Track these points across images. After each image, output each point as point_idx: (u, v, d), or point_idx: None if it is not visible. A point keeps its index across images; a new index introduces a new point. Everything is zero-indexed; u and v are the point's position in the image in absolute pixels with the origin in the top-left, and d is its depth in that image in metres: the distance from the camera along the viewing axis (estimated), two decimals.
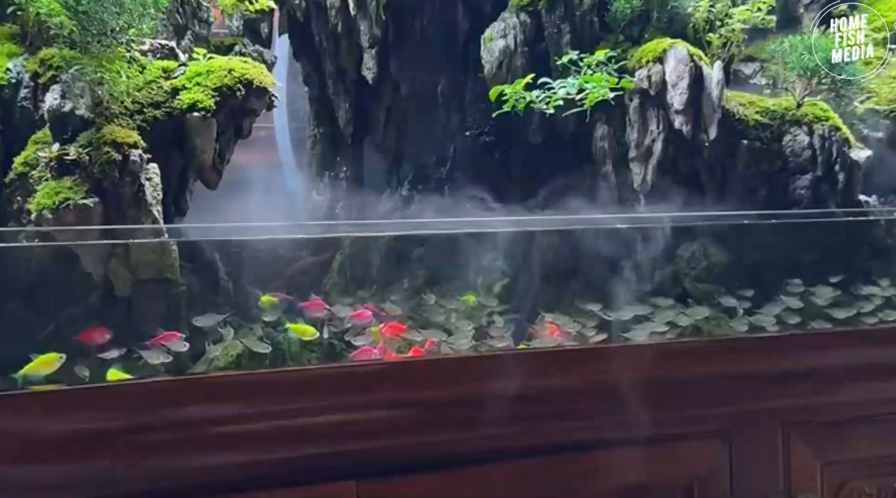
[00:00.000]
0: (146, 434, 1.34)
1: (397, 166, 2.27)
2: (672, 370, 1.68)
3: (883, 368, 1.82)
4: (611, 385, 1.65)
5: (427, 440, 1.51)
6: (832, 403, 1.80)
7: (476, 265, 1.92)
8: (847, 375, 1.79)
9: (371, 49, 2.08)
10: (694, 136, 1.94)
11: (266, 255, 1.79)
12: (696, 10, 2.08)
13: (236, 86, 1.60)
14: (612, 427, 1.65)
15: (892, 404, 1.85)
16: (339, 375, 1.52)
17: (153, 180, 1.48)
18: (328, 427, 1.43)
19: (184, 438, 1.36)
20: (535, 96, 1.90)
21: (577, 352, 1.72)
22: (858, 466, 1.83)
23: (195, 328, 1.47)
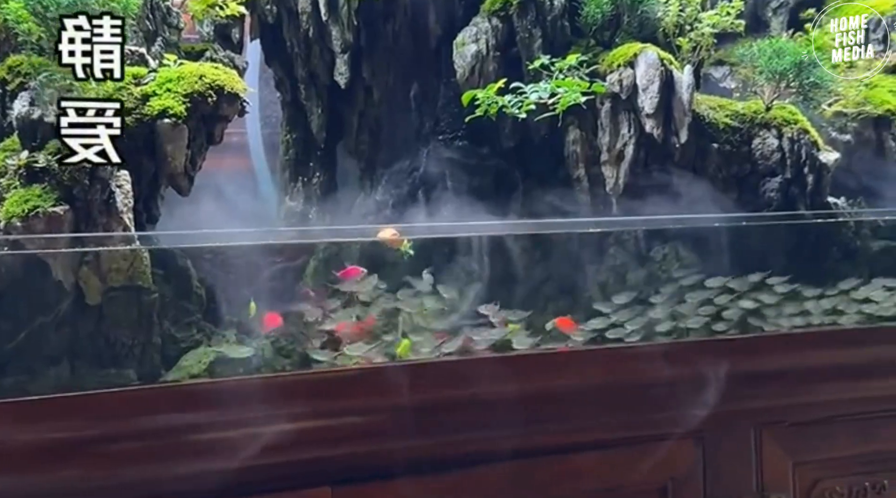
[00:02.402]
0: (120, 443, 1.34)
1: (370, 171, 2.26)
2: (646, 373, 1.70)
3: (852, 369, 1.85)
4: (586, 388, 1.66)
5: (401, 446, 1.52)
6: (803, 404, 1.83)
7: (452, 269, 1.92)
8: (817, 376, 1.82)
9: (343, 54, 2.08)
10: (665, 139, 1.96)
11: (239, 261, 1.78)
12: (665, 14, 2.10)
13: (207, 92, 1.59)
14: (588, 430, 1.67)
15: (861, 404, 1.88)
16: (312, 381, 1.52)
17: (124, 187, 1.47)
18: (302, 434, 1.44)
19: (158, 446, 1.36)
20: (507, 101, 1.90)
21: (552, 355, 1.73)
22: (829, 465, 1.86)
23: (169, 335, 1.46)
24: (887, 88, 2.41)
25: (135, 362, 1.43)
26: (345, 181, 2.34)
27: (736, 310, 1.89)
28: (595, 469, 1.68)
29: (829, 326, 1.91)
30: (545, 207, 2.05)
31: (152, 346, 1.46)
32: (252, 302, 1.64)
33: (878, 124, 2.34)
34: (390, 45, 2.21)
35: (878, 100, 2.35)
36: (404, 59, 2.26)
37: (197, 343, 1.49)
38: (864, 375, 1.88)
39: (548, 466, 1.64)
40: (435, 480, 1.53)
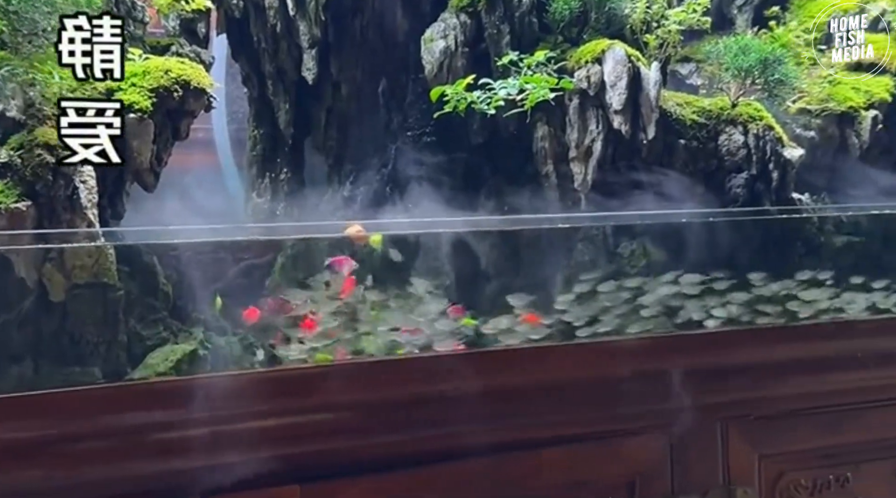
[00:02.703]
0: (84, 442, 1.33)
1: (338, 167, 2.25)
2: (614, 368, 1.71)
3: (815, 363, 1.88)
4: (555, 384, 1.67)
5: (369, 442, 1.52)
6: (768, 398, 1.85)
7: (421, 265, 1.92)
8: (781, 371, 1.84)
9: (311, 49, 2.07)
10: (633, 135, 1.97)
11: (206, 257, 1.76)
12: (633, 11, 2.11)
13: (173, 87, 1.58)
14: (556, 425, 1.67)
15: (824, 398, 1.90)
16: (279, 378, 1.51)
17: (88, 183, 1.45)
18: (271, 431, 1.43)
19: (123, 445, 1.35)
20: (476, 97, 1.90)
21: (521, 351, 1.73)
22: (794, 458, 1.88)
23: (136, 334, 1.45)
24: (850, 85, 2.43)
25: (100, 360, 1.41)
26: (312, 177, 2.33)
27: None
28: (564, 464, 1.69)
29: (793, 322, 1.92)
30: (513, 204, 2.05)
31: (118, 343, 1.44)
32: (218, 297, 1.63)
33: (841, 121, 2.36)
34: (358, 40, 2.20)
35: (841, 97, 2.38)
36: (372, 55, 2.25)
37: (164, 341, 1.48)
38: (826, 369, 1.90)
39: (516, 462, 1.65)
40: (403, 476, 1.53)
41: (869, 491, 1.95)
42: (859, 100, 2.39)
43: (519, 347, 1.74)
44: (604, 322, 1.80)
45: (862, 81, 2.44)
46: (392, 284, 1.80)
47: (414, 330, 1.69)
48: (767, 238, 2.06)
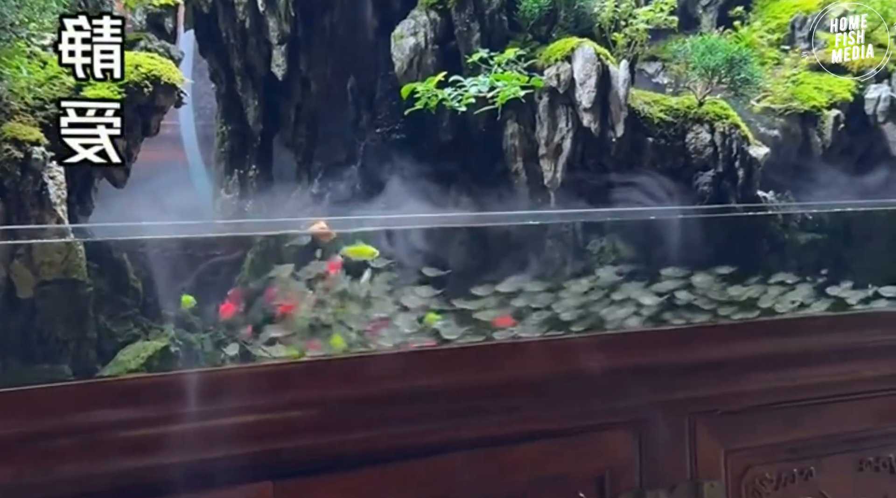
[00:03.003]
0: (54, 440, 1.31)
1: (307, 164, 2.25)
2: (583, 363, 1.72)
3: (779, 359, 1.90)
4: (525, 380, 1.67)
5: (342, 439, 1.52)
6: (734, 393, 1.87)
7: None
8: (747, 366, 1.86)
9: (280, 45, 2.06)
10: (602, 133, 1.98)
11: (175, 254, 1.75)
12: (601, 10, 2.12)
13: (144, 82, 1.57)
14: (527, 421, 1.68)
15: (787, 393, 1.92)
16: (252, 374, 1.51)
17: (57, 179, 1.43)
18: (242, 428, 1.42)
19: (94, 442, 1.33)
20: (447, 94, 1.91)
21: (492, 347, 1.73)
22: (759, 452, 1.91)
23: (105, 329, 1.43)
24: (812, 85, 2.47)
25: (69, 357, 1.39)
26: (281, 174, 2.32)
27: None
28: (535, 460, 1.70)
29: (759, 318, 1.95)
30: (483, 201, 2.06)
31: (87, 341, 1.43)
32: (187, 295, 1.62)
33: (804, 120, 2.40)
34: (327, 37, 2.19)
35: (804, 96, 2.41)
36: (341, 52, 2.25)
37: (134, 337, 1.47)
38: (791, 364, 1.92)
39: (488, 458, 1.65)
40: (376, 473, 1.53)
41: (831, 484, 1.98)
42: (822, 99, 2.43)
43: (489, 343, 1.75)
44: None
45: (824, 81, 2.48)
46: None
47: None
48: (723, 235, 2.08)
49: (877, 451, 2.02)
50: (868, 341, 2.00)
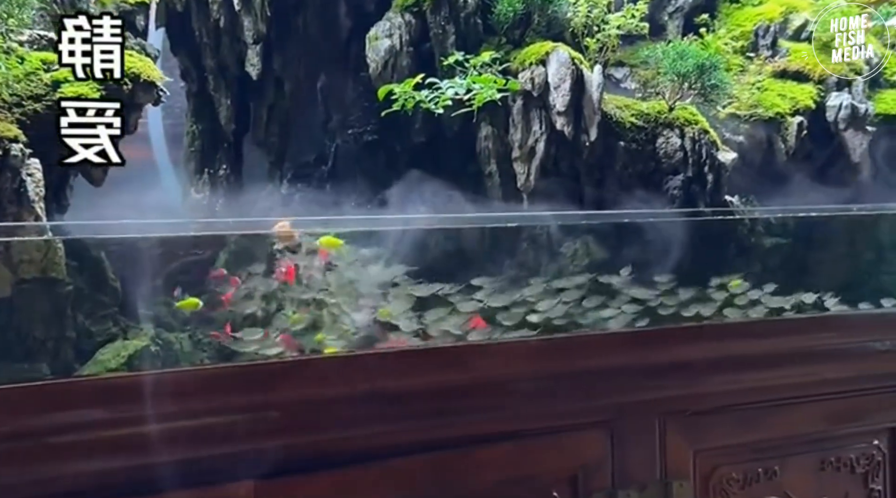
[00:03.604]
0: (33, 439, 1.29)
1: (279, 164, 2.24)
2: (555, 364, 1.73)
3: (746, 360, 1.92)
4: (497, 380, 1.68)
5: (320, 439, 1.51)
6: (703, 394, 1.89)
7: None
8: (715, 367, 1.88)
9: (256, 45, 2.05)
10: (575, 136, 2.01)
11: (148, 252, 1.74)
12: (574, 15, 2.15)
13: (123, 80, 1.55)
14: (499, 421, 1.69)
15: (753, 394, 1.95)
16: (233, 373, 1.50)
17: (35, 176, 1.42)
18: (223, 427, 1.41)
19: (73, 442, 1.31)
20: (424, 96, 1.92)
21: (464, 348, 1.74)
22: (726, 452, 1.92)
23: (85, 329, 1.42)
24: (776, 92, 2.52)
25: (48, 356, 1.38)
26: (251, 174, 2.31)
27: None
28: (508, 459, 1.70)
29: (727, 320, 1.98)
30: (456, 202, 2.07)
31: (66, 339, 1.41)
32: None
33: (768, 126, 2.44)
34: (301, 37, 2.19)
35: (768, 103, 2.46)
36: (315, 52, 2.25)
37: (113, 336, 1.45)
38: (757, 366, 1.94)
39: (459, 458, 1.65)
40: (355, 472, 1.53)
41: (794, 484, 2.01)
42: (785, 106, 2.47)
43: (461, 343, 1.76)
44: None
45: (788, 88, 2.53)
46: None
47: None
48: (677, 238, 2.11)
49: (837, 451, 2.06)
50: (829, 344, 2.03)
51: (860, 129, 2.52)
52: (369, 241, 1.88)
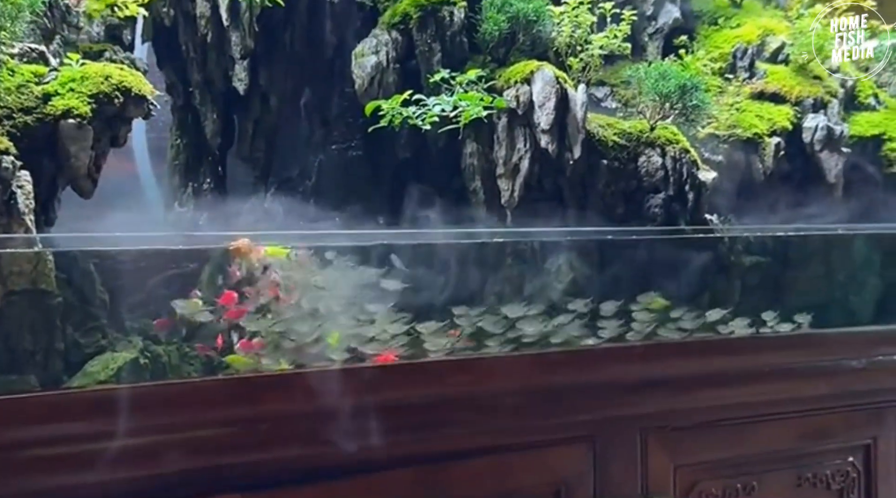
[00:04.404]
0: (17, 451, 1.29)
1: (264, 178, 2.25)
2: (537, 379, 1.74)
3: (727, 376, 1.95)
4: (480, 395, 1.70)
5: (306, 453, 1.52)
6: (683, 410, 1.91)
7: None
8: (696, 383, 1.91)
9: (243, 60, 2.06)
10: (559, 154, 2.03)
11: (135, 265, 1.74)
12: (559, 34, 2.18)
13: (114, 93, 1.56)
14: (483, 435, 1.70)
15: (732, 410, 1.97)
16: (218, 386, 1.50)
17: (25, 188, 1.42)
18: (209, 439, 1.42)
19: (58, 454, 1.31)
20: (411, 112, 1.93)
21: (450, 362, 1.75)
22: (706, 468, 1.95)
23: (75, 342, 1.42)
24: (754, 113, 2.56)
25: (37, 368, 1.37)
26: (235, 188, 2.31)
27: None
28: (491, 474, 1.71)
29: (708, 336, 2.00)
30: (438, 218, 2.08)
31: (56, 351, 1.41)
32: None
33: (746, 146, 2.48)
34: (287, 52, 2.20)
35: (746, 123, 2.50)
36: (300, 68, 2.26)
37: (102, 349, 1.45)
38: (736, 382, 1.97)
39: (443, 471, 1.66)
40: (340, 485, 1.54)
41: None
42: (763, 127, 2.51)
43: (444, 358, 1.77)
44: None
45: (765, 109, 2.57)
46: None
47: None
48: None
49: (814, 467, 2.08)
50: (806, 361, 2.06)
51: (835, 150, 2.56)
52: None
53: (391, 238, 1.97)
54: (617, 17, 2.30)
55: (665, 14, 2.70)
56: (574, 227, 2.05)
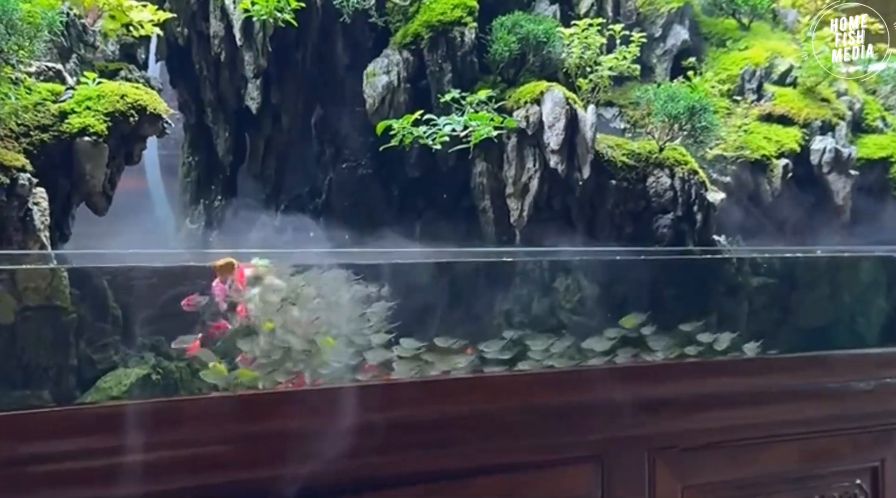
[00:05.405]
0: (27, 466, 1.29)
1: (275, 195, 2.26)
2: (547, 398, 1.74)
3: (735, 397, 1.94)
4: (489, 413, 1.70)
5: (316, 469, 1.52)
6: (692, 431, 1.91)
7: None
8: (705, 404, 1.90)
9: (256, 79, 2.08)
10: (568, 174, 2.04)
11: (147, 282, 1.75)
12: (568, 56, 2.19)
13: (129, 111, 1.58)
14: (492, 454, 1.70)
15: (742, 431, 1.97)
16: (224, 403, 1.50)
17: (41, 205, 1.44)
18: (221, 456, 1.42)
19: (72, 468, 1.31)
20: (422, 132, 1.95)
21: (455, 380, 1.76)
22: (714, 489, 1.94)
23: (88, 358, 1.42)
24: (762, 135, 2.57)
25: (51, 384, 1.38)
26: (246, 205, 2.33)
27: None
28: (498, 492, 1.71)
29: (717, 357, 2.00)
30: (447, 237, 2.10)
31: (68, 367, 1.42)
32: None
33: (754, 168, 2.49)
34: (300, 72, 2.22)
35: (754, 145, 2.51)
36: (311, 87, 2.28)
37: (115, 364, 1.46)
38: (745, 403, 1.97)
39: (451, 490, 1.66)
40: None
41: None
42: (771, 149, 2.52)
43: (453, 377, 1.77)
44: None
45: (773, 131, 2.58)
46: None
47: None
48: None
49: (821, 489, 2.08)
50: (814, 383, 2.06)
51: (843, 172, 2.57)
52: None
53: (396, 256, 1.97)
54: (626, 38, 2.31)
55: (674, 36, 2.71)
56: (582, 247, 2.06)
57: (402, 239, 2.11)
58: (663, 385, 1.88)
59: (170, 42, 2.13)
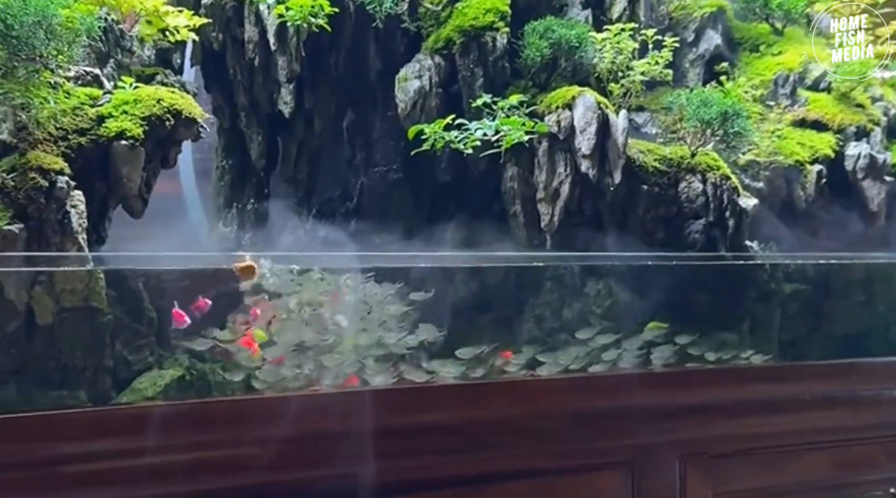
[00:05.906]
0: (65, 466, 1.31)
1: (307, 199, 2.28)
2: (578, 403, 1.75)
3: (767, 404, 1.94)
4: (520, 418, 1.70)
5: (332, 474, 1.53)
6: (723, 437, 1.90)
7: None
8: (736, 411, 1.90)
9: (289, 84, 2.09)
10: (599, 179, 2.03)
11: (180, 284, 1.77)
12: (600, 61, 2.19)
13: (165, 116, 1.60)
14: (522, 458, 1.70)
15: (774, 438, 1.96)
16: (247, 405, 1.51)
17: (78, 207, 1.46)
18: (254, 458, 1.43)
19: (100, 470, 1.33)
20: (454, 136, 1.95)
21: (487, 385, 1.76)
22: (745, 496, 1.94)
23: (123, 359, 1.45)
24: (795, 140, 2.55)
25: (87, 384, 1.40)
26: (278, 208, 2.35)
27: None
28: (529, 497, 1.72)
29: (749, 364, 2.00)
30: (478, 241, 2.10)
31: (104, 368, 1.44)
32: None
33: (788, 174, 2.47)
34: (332, 76, 2.24)
35: (787, 151, 2.49)
36: (342, 91, 2.29)
37: (149, 366, 1.48)
38: (778, 410, 1.96)
39: (482, 494, 1.67)
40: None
41: None
42: (805, 154, 2.50)
43: (485, 381, 1.78)
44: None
45: (807, 137, 2.56)
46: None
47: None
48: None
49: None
50: (848, 390, 2.05)
51: (878, 178, 2.54)
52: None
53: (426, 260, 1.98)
54: (659, 43, 2.30)
55: (706, 41, 2.70)
56: (614, 252, 2.06)
57: (433, 243, 2.12)
58: (695, 391, 1.88)
59: (205, 47, 2.15)
